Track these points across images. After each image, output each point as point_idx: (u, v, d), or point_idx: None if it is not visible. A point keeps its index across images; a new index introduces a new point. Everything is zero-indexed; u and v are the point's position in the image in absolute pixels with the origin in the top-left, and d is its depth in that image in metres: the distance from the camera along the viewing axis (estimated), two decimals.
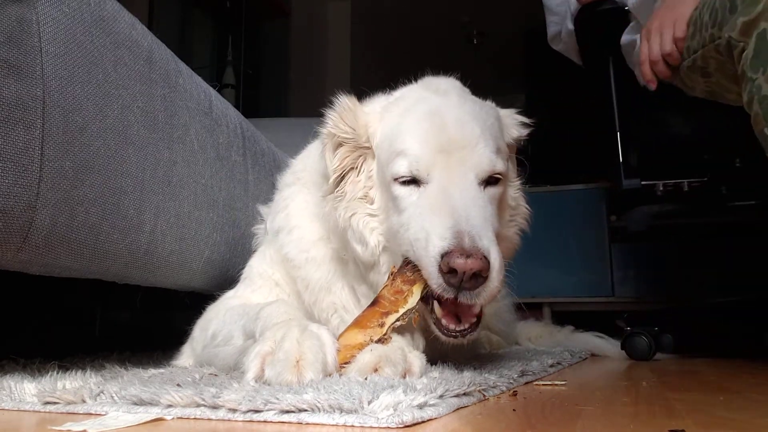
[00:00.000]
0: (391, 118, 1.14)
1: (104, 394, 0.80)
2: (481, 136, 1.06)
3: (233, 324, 1.17)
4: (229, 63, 4.14)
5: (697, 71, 1.47)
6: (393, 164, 1.07)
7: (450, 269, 0.92)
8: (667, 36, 1.51)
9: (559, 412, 0.83)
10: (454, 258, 0.91)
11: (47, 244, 0.96)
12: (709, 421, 0.75)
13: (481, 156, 1.05)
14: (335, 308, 1.21)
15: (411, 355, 0.97)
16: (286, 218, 1.30)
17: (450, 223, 0.96)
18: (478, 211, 0.99)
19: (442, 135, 1.05)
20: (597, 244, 3.76)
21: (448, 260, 0.92)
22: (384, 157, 1.12)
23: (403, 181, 1.06)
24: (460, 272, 0.91)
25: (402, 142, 1.08)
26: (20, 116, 0.88)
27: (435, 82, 1.21)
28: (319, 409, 0.70)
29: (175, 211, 1.30)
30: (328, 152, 1.17)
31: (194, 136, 1.40)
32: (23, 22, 0.89)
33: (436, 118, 1.08)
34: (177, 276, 1.37)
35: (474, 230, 0.95)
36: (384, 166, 1.12)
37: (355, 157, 1.17)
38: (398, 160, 1.07)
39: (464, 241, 0.93)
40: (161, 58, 1.28)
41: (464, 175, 1.03)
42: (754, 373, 1.48)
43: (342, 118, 1.16)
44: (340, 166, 1.16)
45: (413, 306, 1.00)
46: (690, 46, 1.47)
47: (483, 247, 0.93)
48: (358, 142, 1.16)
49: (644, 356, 1.93)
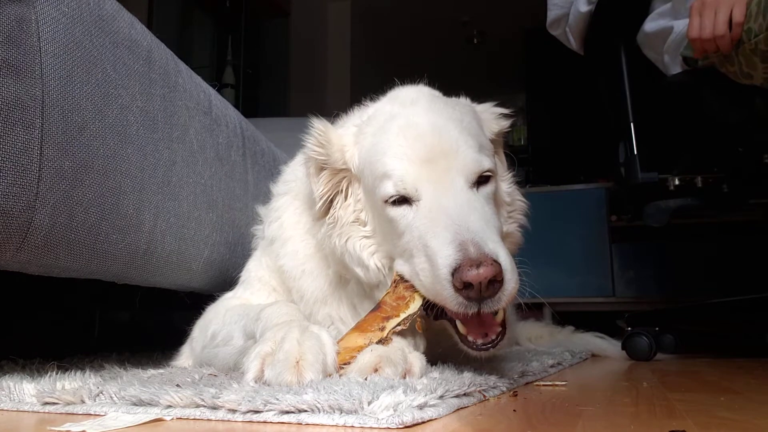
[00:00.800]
0: (365, 140, 1.12)
1: (103, 394, 0.80)
2: (460, 137, 1.04)
3: (233, 324, 1.17)
4: (229, 63, 4.14)
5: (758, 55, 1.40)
6: (379, 188, 1.05)
7: (464, 284, 0.89)
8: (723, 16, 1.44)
9: (559, 412, 0.83)
10: (465, 271, 0.88)
11: (46, 244, 0.95)
12: (709, 422, 0.75)
13: (465, 158, 1.02)
14: (332, 320, 1.21)
15: (411, 356, 0.97)
16: (279, 228, 1.30)
17: (450, 237, 0.93)
18: (476, 216, 0.97)
19: (420, 146, 1.03)
20: (597, 244, 3.76)
21: (460, 276, 0.89)
22: (369, 181, 1.10)
23: (393, 201, 1.03)
24: (476, 284, 0.88)
25: (383, 164, 1.05)
26: (19, 116, 0.88)
27: (402, 93, 1.18)
28: (318, 409, 0.69)
29: (174, 211, 1.29)
30: (312, 177, 1.16)
31: (194, 136, 1.39)
32: (22, 22, 0.89)
33: (410, 130, 1.05)
34: (176, 276, 1.36)
35: (477, 236, 0.92)
36: (371, 190, 1.10)
37: (337, 180, 1.15)
38: (383, 182, 1.04)
39: (470, 251, 0.90)
40: (161, 58, 1.27)
41: (452, 182, 1.01)
42: (755, 373, 1.48)
43: (318, 141, 1.14)
44: (324, 190, 1.14)
45: (415, 311, 1.00)
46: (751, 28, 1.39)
47: (490, 251, 0.90)
48: (336, 166, 1.15)
49: (645, 356, 1.93)
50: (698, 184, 1.89)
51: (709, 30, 1.48)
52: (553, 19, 2.18)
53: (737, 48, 1.48)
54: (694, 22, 1.52)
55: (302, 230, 1.26)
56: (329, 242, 1.15)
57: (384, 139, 1.07)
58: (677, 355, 2.05)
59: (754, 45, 1.41)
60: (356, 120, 1.20)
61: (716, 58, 1.58)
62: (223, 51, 4.20)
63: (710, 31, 1.47)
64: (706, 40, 1.50)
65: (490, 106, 1.25)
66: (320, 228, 1.17)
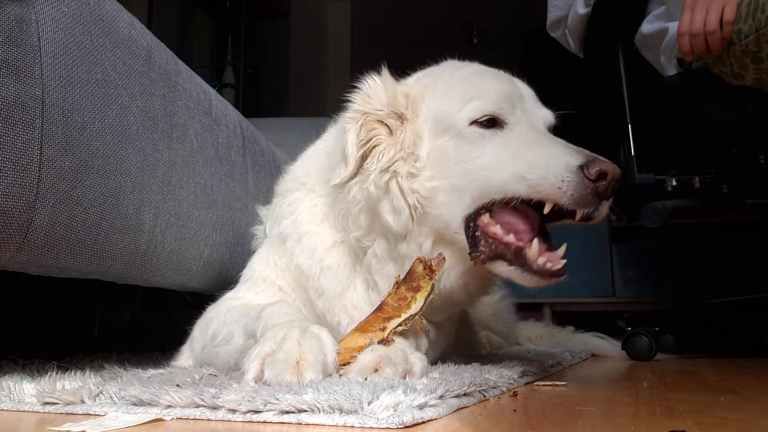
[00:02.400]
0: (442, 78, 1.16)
1: (103, 394, 0.80)
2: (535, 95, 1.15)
3: (234, 324, 1.17)
4: (229, 63, 4.14)
5: (749, 56, 1.42)
6: (468, 107, 1.08)
7: (600, 174, 0.94)
8: (714, 14, 1.46)
9: (559, 412, 0.83)
10: (601, 164, 0.94)
11: (46, 244, 0.95)
12: (709, 422, 0.75)
13: (545, 110, 1.14)
14: (346, 309, 1.20)
15: (413, 357, 0.96)
16: (293, 225, 1.26)
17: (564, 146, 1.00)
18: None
19: (512, 86, 1.12)
20: (597, 244, 3.75)
21: (598, 166, 0.94)
22: (448, 106, 1.11)
23: (483, 121, 1.07)
24: (611, 176, 0.94)
25: (475, 89, 1.10)
26: (19, 116, 0.88)
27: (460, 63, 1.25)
28: (318, 409, 0.69)
29: (174, 211, 1.29)
30: (352, 133, 1.12)
31: (194, 136, 1.39)
32: (22, 22, 0.89)
33: (497, 73, 1.14)
34: (176, 276, 1.36)
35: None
36: (450, 114, 1.10)
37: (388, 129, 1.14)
38: (474, 103, 1.08)
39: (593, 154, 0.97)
40: (160, 58, 1.27)
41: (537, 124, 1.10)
42: (755, 373, 1.48)
43: (370, 95, 1.15)
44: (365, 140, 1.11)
45: (416, 312, 1.01)
46: (741, 29, 1.41)
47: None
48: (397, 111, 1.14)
49: (645, 356, 1.93)
50: (696, 185, 1.90)
51: (698, 25, 1.49)
52: (553, 20, 2.19)
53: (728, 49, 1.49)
54: (685, 18, 1.54)
55: (318, 223, 1.23)
56: (364, 192, 1.11)
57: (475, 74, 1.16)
58: (677, 355, 2.06)
59: (744, 46, 1.42)
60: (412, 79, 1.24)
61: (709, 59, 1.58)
62: (223, 51, 4.21)
63: (700, 26, 1.48)
64: (694, 34, 1.50)
65: None
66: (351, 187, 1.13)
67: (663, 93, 1.87)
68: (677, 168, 1.92)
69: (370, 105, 1.14)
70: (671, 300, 3.39)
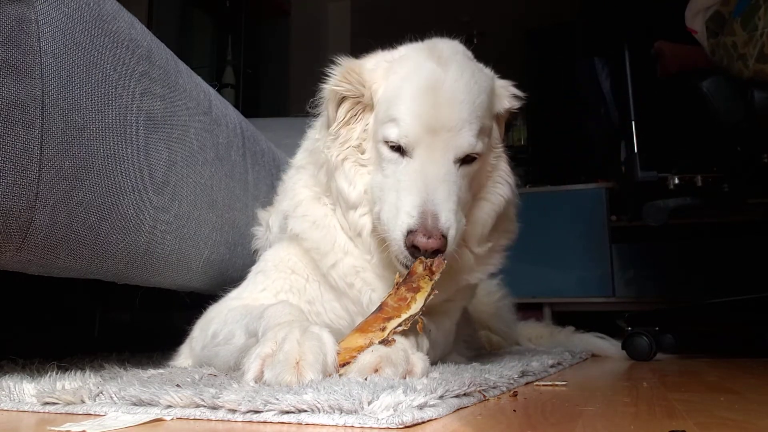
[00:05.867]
0: (393, 79, 1.21)
1: (103, 394, 0.80)
2: (467, 119, 1.14)
3: (235, 323, 1.17)
4: (229, 63, 4.14)
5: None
6: (385, 128, 1.16)
7: (413, 246, 1.05)
8: None
9: (559, 412, 0.83)
10: (418, 237, 1.04)
11: (46, 244, 0.95)
12: (709, 422, 0.75)
13: (463, 140, 1.13)
14: (356, 270, 1.24)
15: (414, 357, 0.97)
16: (291, 200, 1.34)
17: (418, 201, 1.07)
18: (445, 187, 1.09)
19: (433, 115, 1.13)
20: (597, 244, 3.76)
21: (413, 238, 1.05)
22: (380, 116, 1.20)
23: (391, 146, 1.15)
24: (422, 249, 1.04)
25: (398, 110, 1.15)
26: (19, 116, 0.88)
27: (439, 46, 1.24)
28: (318, 409, 0.69)
29: (174, 211, 1.29)
30: (330, 107, 1.25)
31: (194, 136, 1.39)
32: (22, 22, 0.89)
33: (430, 95, 1.14)
34: (176, 276, 1.36)
35: (437, 208, 1.06)
36: (379, 125, 1.20)
37: (357, 111, 1.25)
38: (391, 126, 1.15)
39: (427, 222, 1.05)
40: (160, 58, 1.27)
41: (444, 154, 1.13)
42: (755, 373, 1.48)
43: (345, 76, 1.24)
44: (344, 119, 1.24)
45: (416, 312, 1.02)
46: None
47: (443, 226, 1.05)
48: (362, 100, 1.24)
49: (645, 356, 1.93)
50: (698, 184, 1.90)
51: None
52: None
53: None
54: None
55: (309, 191, 1.32)
56: (327, 153, 1.25)
57: (407, 87, 1.17)
58: (677, 355, 2.05)
59: None
60: (387, 56, 1.28)
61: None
62: (223, 51, 4.21)
63: None
64: None
65: (509, 85, 1.34)
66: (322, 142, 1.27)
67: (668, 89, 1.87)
68: (679, 166, 1.92)
69: (344, 87, 1.24)
70: (671, 300, 3.39)
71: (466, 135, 1.14)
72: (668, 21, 1.99)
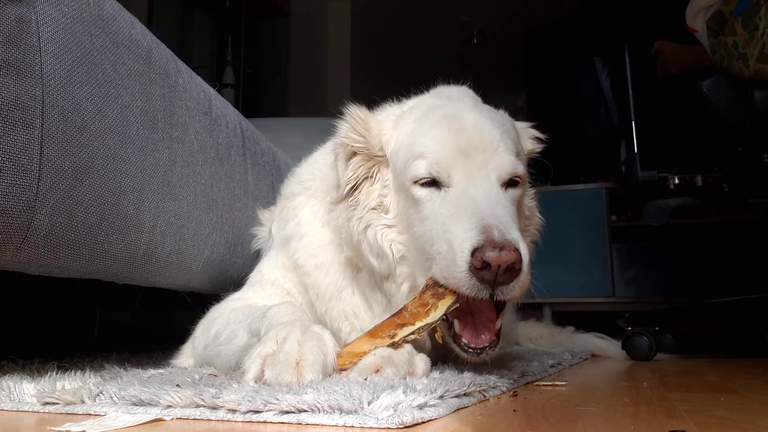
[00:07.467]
0: (406, 125, 1.14)
1: (103, 394, 0.80)
2: (501, 139, 1.06)
3: (237, 324, 1.17)
4: (229, 63, 4.14)
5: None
6: (411, 167, 1.06)
7: (483, 263, 0.88)
8: None
9: (559, 412, 0.83)
10: (487, 252, 0.88)
11: (46, 244, 0.95)
12: (709, 422, 0.75)
13: (503, 158, 1.04)
14: (345, 315, 1.21)
15: (416, 358, 0.96)
16: (296, 226, 1.30)
17: (475, 221, 0.92)
18: (503, 210, 0.97)
19: (461, 137, 1.04)
20: (597, 244, 3.76)
21: (481, 255, 0.88)
22: (401, 163, 1.11)
23: (423, 182, 1.05)
24: (495, 265, 0.87)
25: (421, 144, 1.07)
26: (19, 116, 0.88)
27: (447, 90, 1.22)
28: (318, 409, 0.69)
29: (174, 211, 1.29)
30: (340, 162, 1.17)
31: (194, 136, 1.39)
32: (22, 22, 0.89)
33: (453, 121, 1.07)
34: (176, 276, 1.36)
35: (502, 223, 0.92)
36: (401, 171, 1.11)
37: (369, 166, 1.17)
38: (417, 162, 1.05)
39: (494, 234, 0.89)
40: (161, 58, 1.27)
41: (486, 177, 1.02)
42: (755, 373, 1.48)
43: (354, 127, 1.16)
44: (353, 176, 1.16)
45: (433, 321, 0.97)
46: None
47: (513, 239, 0.90)
48: (372, 152, 1.16)
49: (645, 356, 1.93)
50: (698, 183, 1.90)
51: None
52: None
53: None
54: None
55: (318, 226, 1.27)
56: (347, 226, 1.15)
57: (425, 124, 1.10)
58: (677, 355, 2.05)
59: None
60: (396, 110, 1.23)
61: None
62: (223, 51, 4.20)
63: None
64: None
65: (528, 127, 1.29)
66: (340, 212, 1.18)
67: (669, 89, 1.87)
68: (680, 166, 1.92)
69: (353, 139, 1.16)
70: (671, 300, 3.39)
71: (503, 154, 1.04)
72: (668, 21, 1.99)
